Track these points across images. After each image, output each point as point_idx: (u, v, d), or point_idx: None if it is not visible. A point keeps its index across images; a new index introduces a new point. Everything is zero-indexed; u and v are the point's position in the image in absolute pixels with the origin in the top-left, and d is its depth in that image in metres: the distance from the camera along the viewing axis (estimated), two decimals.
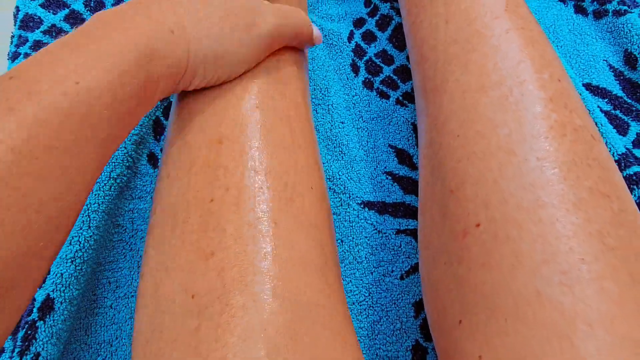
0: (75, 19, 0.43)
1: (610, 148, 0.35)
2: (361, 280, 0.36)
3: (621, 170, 0.35)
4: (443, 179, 0.28)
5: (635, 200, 0.34)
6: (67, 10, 0.43)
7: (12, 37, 0.42)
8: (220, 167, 0.26)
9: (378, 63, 0.43)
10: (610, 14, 0.42)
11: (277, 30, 0.29)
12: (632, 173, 0.35)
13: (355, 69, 0.43)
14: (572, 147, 0.25)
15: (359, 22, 0.45)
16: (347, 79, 0.43)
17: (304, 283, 0.23)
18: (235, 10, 0.27)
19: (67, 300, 0.32)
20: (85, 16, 0.43)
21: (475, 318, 0.23)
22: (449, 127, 0.28)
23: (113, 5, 0.44)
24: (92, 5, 0.44)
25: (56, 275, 0.32)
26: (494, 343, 0.22)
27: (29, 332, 0.31)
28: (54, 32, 0.42)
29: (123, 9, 0.24)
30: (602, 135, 0.36)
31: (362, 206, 0.38)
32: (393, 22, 0.45)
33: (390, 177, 0.39)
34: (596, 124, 0.36)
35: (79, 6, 0.43)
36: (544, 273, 0.22)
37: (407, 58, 0.43)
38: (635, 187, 0.34)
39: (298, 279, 0.23)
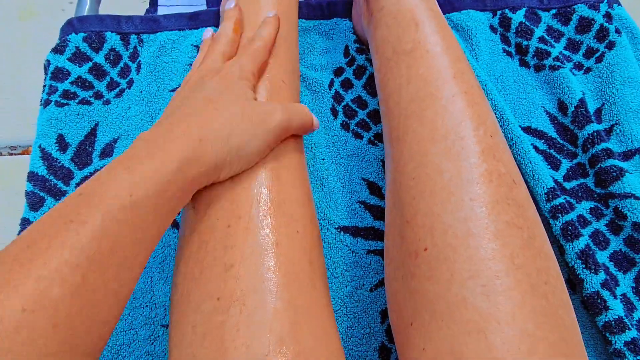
0: (97, 70, 0.51)
1: (540, 183, 0.43)
2: (337, 292, 0.43)
3: (548, 201, 0.42)
4: (402, 211, 0.35)
5: (560, 226, 0.42)
6: (90, 64, 0.51)
7: (44, 86, 0.50)
8: (234, 201, 0.34)
9: (354, 108, 0.51)
10: (547, 68, 0.50)
11: (285, 124, 0.37)
12: (557, 204, 0.42)
13: (334, 112, 0.51)
14: (496, 190, 0.32)
15: (338, 71, 0.53)
16: (328, 121, 0.50)
17: (298, 290, 0.31)
18: (249, 110, 0.35)
19: None
20: (105, 68, 0.51)
21: (421, 320, 0.31)
22: (407, 170, 0.36)
23: (129, 58, 0.52)
24: (111, 58, 0.51)
25: None
26: (434, 338, 0.29)
27: None
28: (80, 82, 0.50)
29: (159, 129, 0.32)
30: (535, 171, 0.44)
31: (339, 230, 0.45)
32: (367, 71, 0.52)
33: (362, 206, 0.46)
34: (530, 161, 0.44)
35: (100, 59, 0.51)
36: (469, 285, 0.29)
37: (378, 103, 0.50)
38: (559, 215, 0.42)
39: (294, 287, 0.31)
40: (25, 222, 0.44)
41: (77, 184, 0.46)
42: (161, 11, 0.58)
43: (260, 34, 0.42)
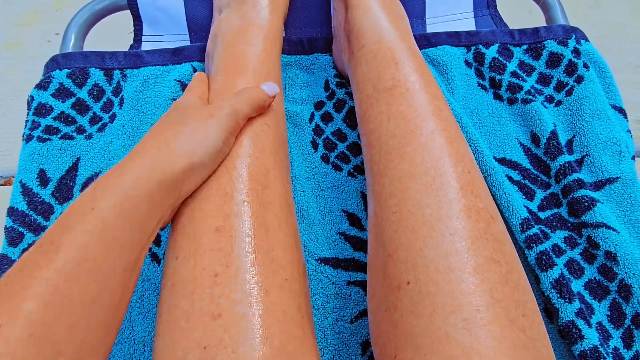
0: (80, 105, 0.51)
1: (515, 213, 0.44)
2: (318, 324, 0.43)
3: (523, 232, 0.43)
4: (384, 244, 0.35)
5: (535, 256, 0.43)
6: (74, 99, 0.51)
7: (27, 121, 0.50)
8: (221, 250, 0.34)
9: (334, 140, 0.52)
10: (520, 101, 0.52)
11: (234, 110, 0.38)
12: (531, 234, 0.43)
13: (314, 145, 0.52)
14: (475, 225, 0.33)
15: (319, 105, 0.54)
16: (308, 154, 0.51)
17: (288, 336, 0.31)
18: (194, 113, 0.37)
19: None
20: (88, 103, 0.52)
21: (404, 353, 0.31)
22: (388, 204, 0.36)
23: (112, 93, 0.53)
24: (94, 93, 0.52)
25: None
26: None
27: None
28: (63, 117, 0.50)
29: (135, 151, 0.35)
30: (509, 202, 0.45)
31: (319, 262, 0.46)
32: (347, 105, 0.54)
33: (342, 237, 0.47)
34: (505, 192, 0.45)
35: (83, 95, 0.52)
36: (451, 320, 0.29)
37: (358, 136, 0.52)
38: (534, 245, 0.43)
39: (284, 335, 0.31)
40: (3, 259, 0.44)
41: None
42: (145, 47, 0.59)
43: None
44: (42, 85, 0.51)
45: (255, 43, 0.46)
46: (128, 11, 0.59)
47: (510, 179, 0.48)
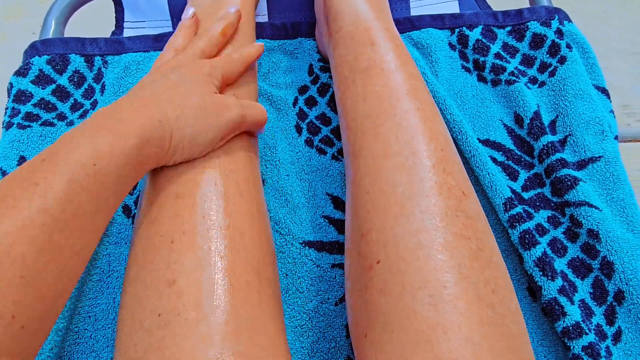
0: (61, 92, 0.51)
1: (498, 193, 0.44)
2: (302, 307, 0.43)
3: (506, 211, 0.43)
4: (358, 225, 0.35)
5: (518, 235, 0.43)
6: (54, 86, 0.51)
7: (7, 108, 0.49)
8: (179, 216, 0.33)
9: (318, 124, 0.52)
10: (503, 83, 0.51)
11: (239, 119, 0.38)
12: (514, 213, 0.43)
13: (298, 129, 0.51)
14: (445, 202, 0.33)
15: (302, 89, 0.54)
16: (292, 138, 0.51)
17: (243, 303, 0.31)
18: (208, 102, 0.36)
19: (54, 332, 0.38)
20: (69, 89, 0.51)
21: (374, 332, 0.31)
22: (362, 185, 0.36)
23: (93, 79, 0.52)
24: (75, 80, 0.52)
25: None
26: (385, 350, 0.30)
27: None
28: (43, 104, 0.50)
29: (122, 104, 0.32)
30: (492, 182, 0.45)
31: (303, 245, 0.45)
32: (331, 89, 0.53)
33: (327, 220, 0.47)
34: (488, 173, 0.45)
35: (64, 81, 0.51)
36: (419, 297, 0.29)
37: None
38: (517, 224, 0.43)
39: (238, 300, 0.31)
40: None
41: None
42: (127, 33, 0.58)
43: (242, 51, 0.43)
44: (21, 72, 0.50)
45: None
46: None
47: (494, 160, 0.48)
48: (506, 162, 0.48)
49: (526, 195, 0.47)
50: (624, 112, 0.98)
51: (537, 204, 0.46)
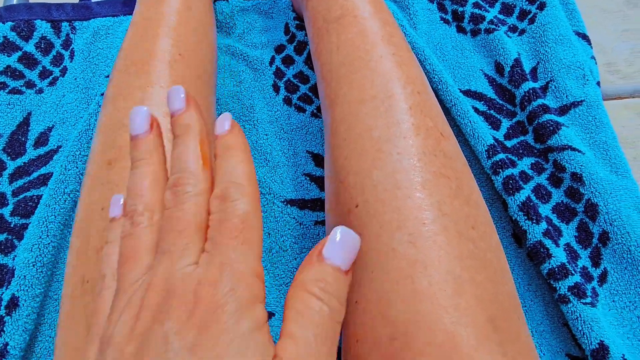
0: (28, 59, 0.49)
1: (480, 141, 0.43)
2: (287, 265, 0.42)
3: (489, 158, 0.43)
4: (336, 172, 0.35)
5: (501, 181, 0.42)
6: (20, 52, 0.49)
7: None
8: (109, 182, 0.32)
9: (296, 83, 0.50)
10: (482, 32, 0.50)
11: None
12: (497, 160, 0.43)
13: (276, 88, 0.50)
14: (423, 143, 0.32)
15: (279, 49, 0.53)
16: (270, 97, 0.50)
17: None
18: None
19: (31, 298, 0.37)
20: (36, 56, 0.49)
21: (355, 275, 0.30)
22: (339, 132, 0.36)
23: (61, 46, 0.50)
24: (42, 47, 0.50)
25: (20, 277, 0.38)
26: (364, 290, 0.29)
27: None
28: (9, 72, 0.48)
29: None
30: (475, 130, 0.44)
31: (285, 203, 0.45)
32: (308, 47, 0.52)
33: (308, 178, 0.46)
34: (470, 121, 0.44)
35: (30, 48, 0.49)
36: (397, 236, 0.29)
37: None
38: (500, 170, 0.42)
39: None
40: None
41: (11, 175, 0.44)
42: None
43: (235, 210, 0.22)
44: None
45: None
46: None
47: (476, 110, 0.48)
48: (488, 111, 0.48)
49: (509, 144, 0.46)
50: (608, 70, 0.98)
51: (520, 151, 0.46)
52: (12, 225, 0.42)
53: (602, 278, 0.41)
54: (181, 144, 0.24)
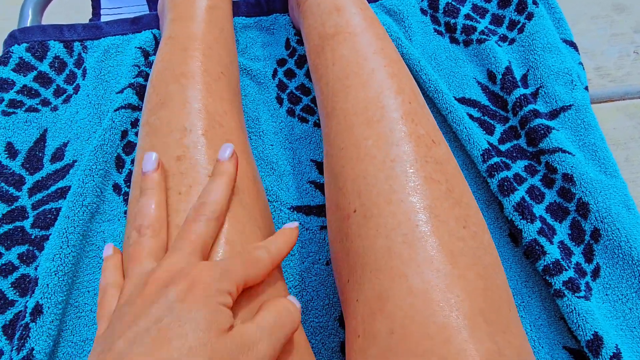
0: (43, 78, 0.51)
1: (476, 145, 0.46)
2: (295, 269, 0.45)
3: (484, 162, 0.45)
4: (335, 179, 0.37)
5: (497, 183, 0.44)
6: (35, 72, 0.51)
7: None
8: (182, 174, 0.34)
9: (298, 94, 0.53)
10: (474, 42, 0.53)
11: (272, 352, 0.28)
12: (492, 163, 0.45)
13: (279, 100, 0.53)
14: (414, 150, 0.34)
15: (281, 62, 0.55)
16: (274, 109, 0.52)
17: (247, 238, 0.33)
18: (218, 350, 0.26)
19: (54, 305, 0.39)
20: (51, 75, 0.52)
21: (355, 275, 0.32)
22: (336, 142, 0.38)
23: (74, 64, 0.53)
24: (56, 66, 0.52)
25: (43, 286, 0.40)
26: (364, 289, 0.31)
27: (23, 332, 0.38)
28: (26, 91, 0.50)
29: None
30: (470, 135, 0.47)
31: (291, 210, 0.47)
32: None
33: (313, 185, 0.48)
34: (465, 127, 0.47)
35: (44, 68, 0.52)
36: (392, 237, 0.31)
37: None
38: (495, 173, 0.45)
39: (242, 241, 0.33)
40: None
41: (30, 189, 0.46)
42: (104, 19, 0.59)
43: (269, 246, 0.32)
44: (1, 61, 0.51)
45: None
46: None
47: (470, 116, 0.50)
48: (482, 117, 0.50)
49: (503, 148, 0.49)
50: (598, 74, 1.00)
51: (514, 154, 0.48)
52: (32, 237, 0.44)
53: (595, 273, 0.43)
54: (212, 182, 0.33)
